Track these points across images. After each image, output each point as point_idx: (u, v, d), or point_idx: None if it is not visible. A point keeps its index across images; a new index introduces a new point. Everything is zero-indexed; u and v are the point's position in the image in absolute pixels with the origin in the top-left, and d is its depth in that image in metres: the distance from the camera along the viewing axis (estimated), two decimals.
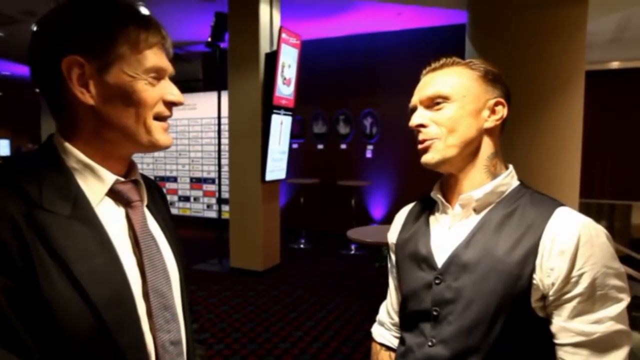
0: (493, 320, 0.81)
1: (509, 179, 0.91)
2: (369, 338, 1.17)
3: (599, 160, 6.37)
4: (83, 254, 0.64)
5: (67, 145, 0.71)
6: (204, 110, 7.19)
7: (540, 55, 2.15)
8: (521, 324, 0.82)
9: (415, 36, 6.37)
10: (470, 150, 0.89)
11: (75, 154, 0.70)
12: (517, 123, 2.18)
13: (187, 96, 7.41)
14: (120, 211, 0.75)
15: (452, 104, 0.88)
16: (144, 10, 0.74)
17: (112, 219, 0.72)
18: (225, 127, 5.26)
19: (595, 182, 6.31)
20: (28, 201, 0.63)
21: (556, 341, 0.81)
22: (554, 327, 0.81)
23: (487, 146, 0.90)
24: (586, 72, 6.34)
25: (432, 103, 0.90)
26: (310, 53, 6.12)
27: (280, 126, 5.02)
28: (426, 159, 0.90)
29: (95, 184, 0.71)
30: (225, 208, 5.42)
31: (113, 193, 0.73)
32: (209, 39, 5.10)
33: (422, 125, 0.90)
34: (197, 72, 8.20)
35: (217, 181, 5.86)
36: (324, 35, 6.79)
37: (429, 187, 1.00)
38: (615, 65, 6.38)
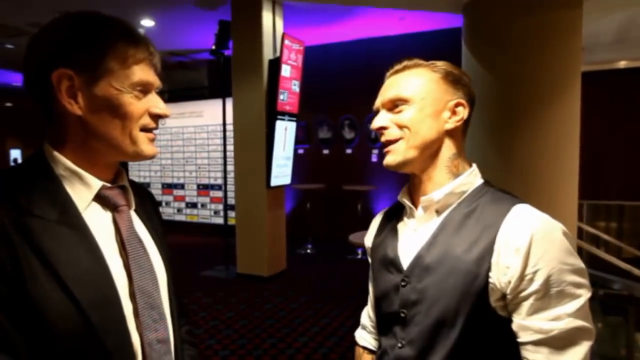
0: (454, 319, 0.82)
1: (471, 178, 0.91)
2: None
3: (606, 161, 6.31)
4: (70, 257, 0.67)
5: (56, 153, 0.74)
6: (210, 118, 7.25)
7: (536, 58, 2.14)
8: (482, 324, 0.82)
9: (418, 40, 6.37)
10: (431, 152, 0.90)
11: (63, 161, 0.74)
12: (514, 125, 2.19)
13: (193, 104, 7.50)
14: (107, 215, 0.78)
15: (411, 106, 0.89)
16: (145, 24, 0.77)
17: (99, 223, 0.75)
18: (230, 134, 5.30)
19: (603, 183, 6.24)
20: (17, 208, 0.67)
21: (518, 340, 0.81)
22: (514, 326, 0.81)
23: (448, 147, 0.91)
24: (592, 72, 6.30)
25: (393, 106, 0.91)
26: (314, 59, 6.15)
27: (285, 132, 5.05)
28: (387, 161, 0.92)
29: (82, 190, 0.74)
30: (232, 214, 5.45)
31: (100, 198, 0.77)
32: (213, 47, 5.16)
33: (384, 128, 0.92)
34: (202, 80, 8.27)
35: (223, 187, 5.90)
36: (327, 41, 6.83)
37: None
38: (622, 64, 6.34)
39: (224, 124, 5.54)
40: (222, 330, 3.68)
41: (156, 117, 0.78)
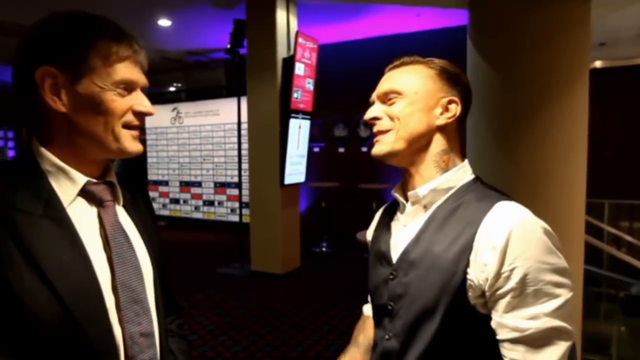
0: (433, 314, 0.83)
1: (459, 174, 0.91)
2: None
3: (630, 158, 6.13)
4: (51, 250, 0.69)
5: (43, 149, 0.76)
6: (227, 116, 7.31)
7: (542, 53, 2.08)
8: (461, 320, 0.82)
9: (436, 37, 6.30)
10: (419, 145, 0.91)
11: (49, 157, 0.76)
12: (520, 122, 2.15)
13: (210, 102, 7.58)
14: (93, 210, 0.79)
15: (403, 99, 0.90)
16: (162, 24, 0.77)
17: (84, 217, 0.77)
18: (245, 132, 5.34)
19: (627, 181, 6.05)
20: (1, 201, 0.69)
21: (497, 337, 0.81)
22: (493, 323, 0.81)
23: (438, 142, 0.91)
24: (615, 68, 6.12)
25: (387, 98, 0.93)
26: (330, 57, 6.14)
27: (299, 130, 5.06)
28: (375, 150, 0.93)
29: (68, 185, 0.76)
30: (247, 212, 5.49)
31: (85, 193, 0.78)
32: (228, 46, 5.20)
33: (376, 118, 0.93)
34: (220, 79, 8.36)
35: (238, 185, 5.95)
36: (343, 38, 6.81)
37: None
38: None
39: (239, 123, 5.59)
40: (235, 326, 3.72)
41: (140, 115, 0.79)
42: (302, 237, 5.43)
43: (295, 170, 5.15)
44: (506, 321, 0.78)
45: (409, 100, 0.90)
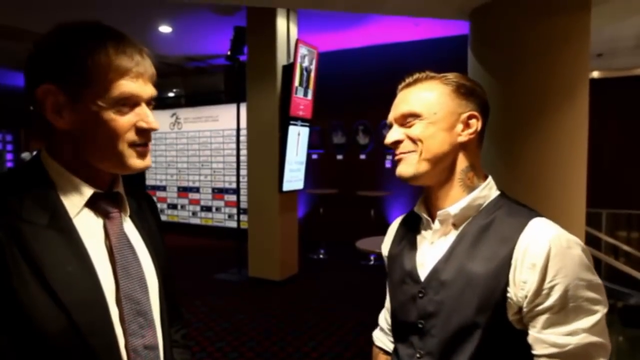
0: (471, 333, 0.82)
1: (486, 191, 0.90)
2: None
3: (628, 168, 6.15)
4: (56, 261, 0.68)
5: (51, 161, 0.76)
6: (226, 122, 7.33)
7: (543, 64, 2.10)
8: (500, 337, 0.82)
9: (434, 46, 6.35)
10: (444, 165, 0.89)
11: (57, 169, 0.76)
12: (521, 132, 2.16)
13: (209, 108, 7.60)
14: (99, 222, 0.79)
15: (423, 121, 0.88)
16: (163, 30, 0.75)
17: (90, 229, 0.76)
18: (244, 138, 5.35)
19: (624, 191, 6.08)
20: (8, 212, 0.68)
21: (533, 352, 0.81)
22: (530, 338, 0.81)
23: (463, 160, 0.90)
24: (613, 78, 6.16)
25: (405, 121, 0.91)
26: (329, 64, 6.17)
27: (298, 137, 5.07)
28: (400, 171, 0.91)
29: (74, 197, 0.76)
30: (245, 218, 5.49)
31: (92, 205, 0.78)
32: (229, 52, 5.22)
33: (398, 142, 0.91)
34: (219, 85, 8.39)
35: (236, 191, 5.95)
36: (342, 46, 6.85)
37: None
38: None
39: (238, 129, 5.60)
40: (232, 332, 3.70)
41: (144, 131, 0.77)
42: (299, 243, 5.42)
43: (294, 177, 5.16)
44: (545, 337, 0.78)
45: (428, 122, 0.88)
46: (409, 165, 0.89)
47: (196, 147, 7.78)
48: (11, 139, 10.85)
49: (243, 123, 5.33)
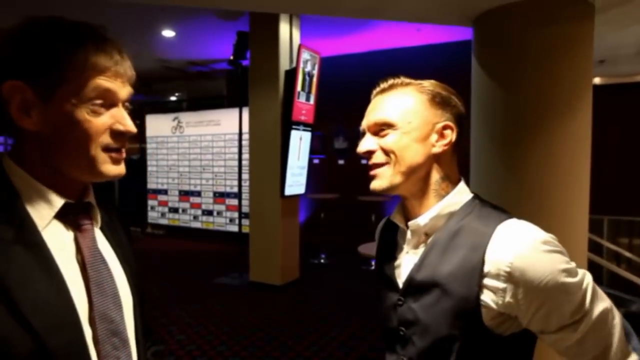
0: (450, 342, 0.82)
1: (457, 197, 0.89)
2: (384, 356, 1.20)
3: (629, 175, 6.14)
4: (24, 280, 0.62)
5: (15, 167, 0.69)
6: (228, 126, 7.34)
7: (547, 71, 2.10)
8: (479, 344, 0.82)
9: (435, 51, 6.37)
10: (418, 177, 0.88)
11: (23, 176, 0.69)
12: (525, 139, 2.16)
13: (211, 112, 7.62)
14: (69, 235, 0.72)
15: (397, 131, 0.86)
16: (166, 34, 0.69)
17: (60, 242, 0.70)
18: (246, 143, 5.36)
19: (626, 198, 6.07)
20: None
21: (559, 348, 0.81)
22: (547, 342, 0.81)
23: (437, 171, 0.89)
24: (614, 85, 6.16)
25: (379, 129, 0.88)
26: (331, 69, 6.19)
27: (300, 142, 5.08)
28: (374, 185, 0.89)
29: (43, 207, 0.68)
30: (247, 222, 5.49)
31: (62, 216, 0.71)
32: (231, 57, 5.25)
33: (370, 152, 0.89)
34: (221, 89, 8.42)
35: (238, 196, 5.95)
36: (344, 51, 6.87)
37: None
38: None
39: (240, 133, 5.62)
40: (233, 337, 3.69)
41: (119, 135, 0.71)
42: (301, 248, 5.42)
43: (296, 182, 5.16)
44: (560, 335, 0.79)
45: (402, 131, 0.85)
46: (383, 179, 0.87)
47: (198, 151, 7.79)
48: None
49: (245, 127, 5.35)
